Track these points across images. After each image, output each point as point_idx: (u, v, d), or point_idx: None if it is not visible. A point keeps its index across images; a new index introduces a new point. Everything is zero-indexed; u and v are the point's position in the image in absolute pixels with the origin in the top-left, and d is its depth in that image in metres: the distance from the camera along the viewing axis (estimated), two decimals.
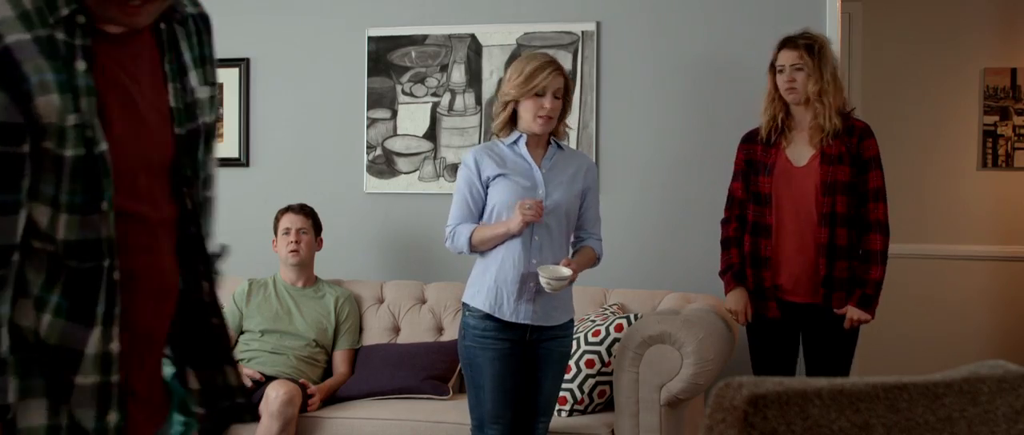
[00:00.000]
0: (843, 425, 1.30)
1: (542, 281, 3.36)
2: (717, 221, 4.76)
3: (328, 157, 5.21)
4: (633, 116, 4.85)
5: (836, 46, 4.64)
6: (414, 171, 5.06)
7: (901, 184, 5.58)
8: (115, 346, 1.58)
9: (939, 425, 1.36)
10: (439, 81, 5.02)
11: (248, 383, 4.19)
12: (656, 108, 4.83)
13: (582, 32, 4.86)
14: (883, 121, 5.58)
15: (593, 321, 4.14)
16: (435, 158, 5.03)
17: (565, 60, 4.85)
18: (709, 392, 4.25)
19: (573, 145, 4.84)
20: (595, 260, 3.64)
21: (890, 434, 1.33)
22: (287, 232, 4.58)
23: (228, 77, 5.31)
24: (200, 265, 1.76)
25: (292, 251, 4.55)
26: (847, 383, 1.31)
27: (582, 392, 3.97)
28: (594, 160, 4.84)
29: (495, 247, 3.48)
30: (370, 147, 5.12)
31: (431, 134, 5.03)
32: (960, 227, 6.15)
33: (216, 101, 1.79)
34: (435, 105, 5.03)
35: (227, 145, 5.32)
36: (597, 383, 3.98)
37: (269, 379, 4.22)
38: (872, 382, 1.33)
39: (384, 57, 5.09)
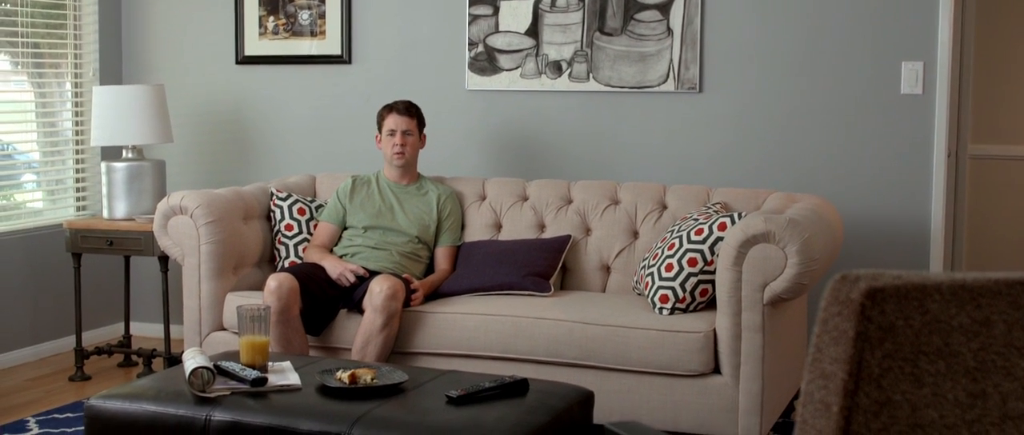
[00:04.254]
0: (963, 321, 1.27)
1: None
2: (823, 120, 4.67)
3: (430, 54, 5.20)
4: (739, 11, 4.73)
5: None
6: (516, 68, 5.03)
7: None
8: None
9: None
10: None
11: (352, 278, 4.26)
12: (763, 4, 4.71)
13: None
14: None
15: (696, 220, 4.11)
16: (537, 55, 4.99)
17: None
18: (814, 293, 4.20)
19: (677, 42, 4.75)
20: None
21: (1011, 331, 1.29)
22: (392, 133, 4.58)
23: None
24: None
25: (397, 154, 4.57)
26: (969, 277, 1.28)
27: (684, 290, 3.95)
28: (698, 55, 4.76)
29: None
30: (472, 44, 5.09)
31: (533, 31, 4.99)
32: None
33: None
34: (537, 1, 4.97)
35: (329, 42, 5.34)
36: (699, 281, 3.96)
37: (373, 274, 4.29)
38: (994, 277, 1.29)
39: None
